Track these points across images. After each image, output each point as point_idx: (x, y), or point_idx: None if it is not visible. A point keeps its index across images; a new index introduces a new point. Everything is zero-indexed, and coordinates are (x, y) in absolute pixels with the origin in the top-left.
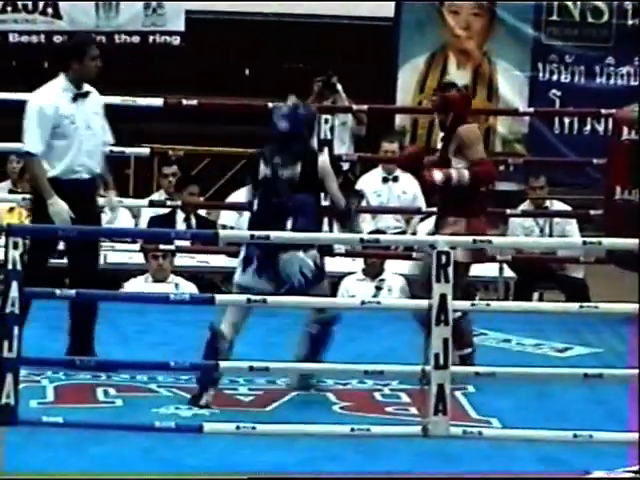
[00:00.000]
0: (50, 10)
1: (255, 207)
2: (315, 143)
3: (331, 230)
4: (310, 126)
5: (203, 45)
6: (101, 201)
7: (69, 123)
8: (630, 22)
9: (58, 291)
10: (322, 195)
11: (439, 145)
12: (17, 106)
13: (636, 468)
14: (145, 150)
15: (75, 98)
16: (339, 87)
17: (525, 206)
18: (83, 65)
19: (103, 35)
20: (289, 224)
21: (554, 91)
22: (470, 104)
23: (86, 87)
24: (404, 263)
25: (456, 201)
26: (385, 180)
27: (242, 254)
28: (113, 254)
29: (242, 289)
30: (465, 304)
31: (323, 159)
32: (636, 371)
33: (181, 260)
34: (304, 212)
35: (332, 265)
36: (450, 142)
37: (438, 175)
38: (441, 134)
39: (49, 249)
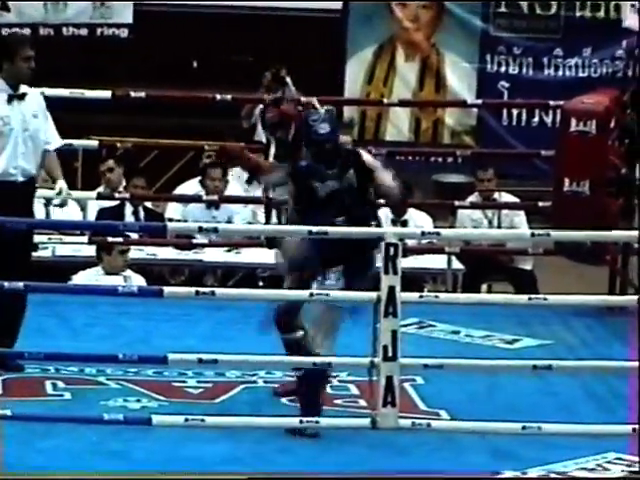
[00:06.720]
0: None
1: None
2: None
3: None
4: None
5: (151, 37)
6: (53, 195)
7: (3, 125)
8: (578, 14)
9: (6, 283)
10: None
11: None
12: None
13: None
14: (93, 142)
15: (10, 99)
16: (288, 80)
17: (473, 198)
18: (14, 65)
19: (51, 28)
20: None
21: (502, 83)
22: None
23: (24, 88)
24: None
25: None
26: None
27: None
28: (61, 247)
29: None
30: (414, 296)
31: (366, 155)
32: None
33: (130, 253)
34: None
35: None
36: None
37: None
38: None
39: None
